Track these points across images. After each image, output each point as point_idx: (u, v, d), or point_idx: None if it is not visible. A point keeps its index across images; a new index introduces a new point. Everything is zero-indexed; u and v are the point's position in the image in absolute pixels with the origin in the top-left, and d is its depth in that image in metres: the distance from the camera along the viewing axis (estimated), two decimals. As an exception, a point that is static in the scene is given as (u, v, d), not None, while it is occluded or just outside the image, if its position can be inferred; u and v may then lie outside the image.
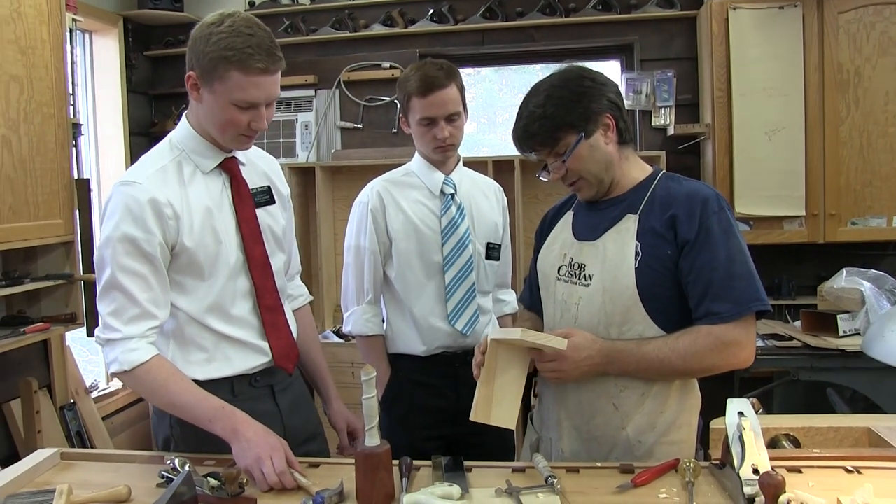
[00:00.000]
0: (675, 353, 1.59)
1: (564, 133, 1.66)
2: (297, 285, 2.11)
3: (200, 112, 1.73)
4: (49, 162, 3.03)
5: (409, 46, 4.24)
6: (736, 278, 1.58)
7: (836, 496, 1.38)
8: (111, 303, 1.66)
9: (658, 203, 1.66)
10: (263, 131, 1.75)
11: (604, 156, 1.69)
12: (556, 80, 1.70)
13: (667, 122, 4.02)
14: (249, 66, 1.61)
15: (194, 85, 1.69)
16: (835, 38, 3.52)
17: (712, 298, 1.58)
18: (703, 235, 1.59)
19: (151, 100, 4.54)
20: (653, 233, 1.63)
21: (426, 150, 2.21)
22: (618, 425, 1.68)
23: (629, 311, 1.64)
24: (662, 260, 1.62)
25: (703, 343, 1.58)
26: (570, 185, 1.74)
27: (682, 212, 1.61)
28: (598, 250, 1.70)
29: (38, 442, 3.18)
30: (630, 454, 1.67)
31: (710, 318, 1.58)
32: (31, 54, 2.91)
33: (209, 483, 1.47)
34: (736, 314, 1.57)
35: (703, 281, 1.58)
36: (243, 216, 1.79)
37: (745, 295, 1.57)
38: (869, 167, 3.55)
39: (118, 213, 1.65)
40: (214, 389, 1.70)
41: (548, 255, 1.83)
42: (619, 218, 1.69)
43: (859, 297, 3.28)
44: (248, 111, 1.67)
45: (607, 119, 1.68)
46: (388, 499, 1.45)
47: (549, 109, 1.65)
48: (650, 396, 1.67)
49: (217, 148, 1.78)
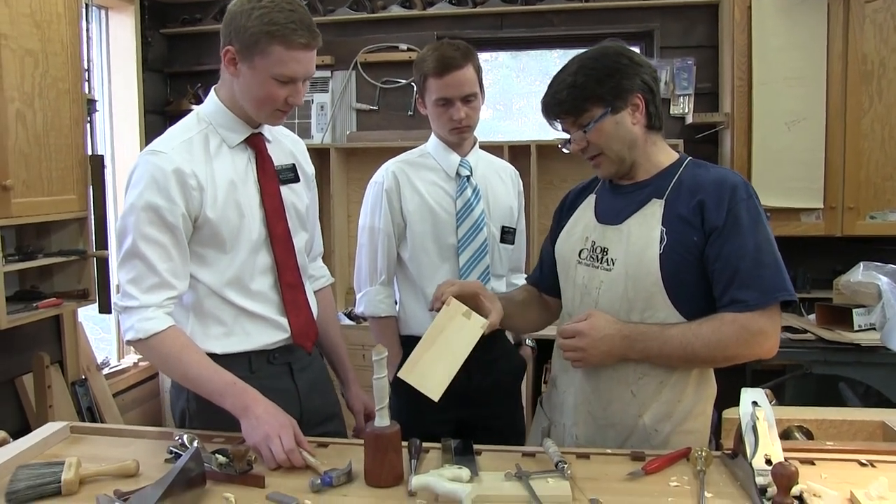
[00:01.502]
0: (698, 340, 1.57)
1: (591, 105, 1.64)
2: (318, 266, 2.11)
3: (236, 87, 1.73)
4: (63, 137, 3.03)
5: (426, 29, 4.21)
6: (763, 267, 1.55)
7: (850, 489, 1.36)
8: (131, 270, 1.67)
9: (685, 189, 1.64)
10: (297, 107, 1.75)
11: (629, 135, 1.67)
12: (592, 53, 1.68)
13: (685, 110, 3.98)
14: (292, 41, 1.62)
15: (232, 59, 1.69)
16: (860, 28, 3.45)
17: (738, 286, 1.55)
18: (731, 223, 1.56)
19: (167, 78, 4.53)
20: (679, 218, 1.61)
21: (442, 131, 2.19)
22: (635, 413, 1.67)
23: (652, 298, 1.62)
24: (688, 246, 1.59)
25: (727, 331, 1.56)
26: (590, 158, 1.72)
27: (710, 198, 1.59)
28: (622, 234, 1.67)
29: (50, 416, 3.20)
30: (646, 442, 1.66)
31: (736, 305, 1.56)
32: (47, 28, 2.90)
33: (217, 460, 1.47)
34: (762, 303, 1.55)
35: (730, 269, 1.56)
36: (267, 192, 1.80)
37: (772, 284, 1.55)
38: (890, 161, 3.49)
39: (143, 182, 1.66)
40: (232, 364, 1.71)
41: (568, 238, 1.81)
42: (644, 202, 1.67)
43: (876, 292, 3.23)
44: (287, 86, 1.68)
45: (637, 99, 1.65)
46: (397, 480, 1.45)
47: (580, 79, 1.63)
48: (668, 385, 1.65)
49: (244, 123, 1.78)
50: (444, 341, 1.61)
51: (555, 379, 1.86)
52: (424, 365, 1.59)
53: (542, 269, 1.96)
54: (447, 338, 1.61)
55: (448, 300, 1.64)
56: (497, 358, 2.21)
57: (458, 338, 1.62)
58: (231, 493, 1.40)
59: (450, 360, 1.59)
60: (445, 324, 1.63)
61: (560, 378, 1.82)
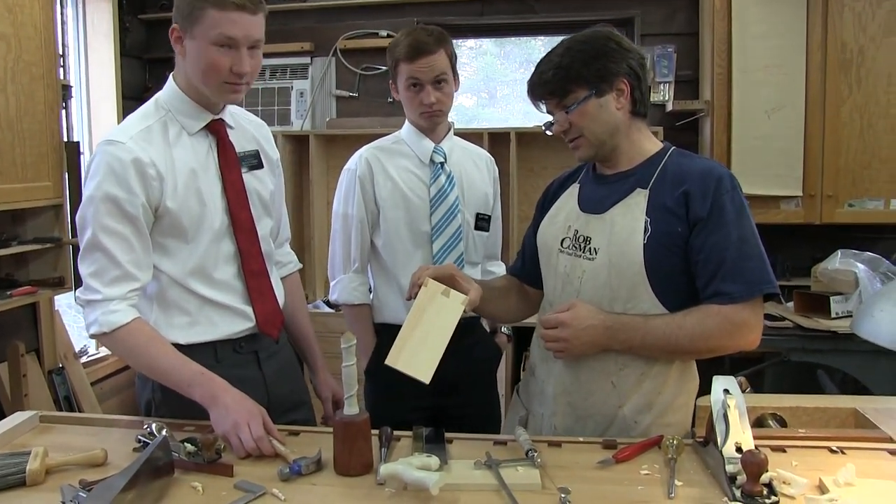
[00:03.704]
0: (682, 331, 1.57)
1: (576, 86, 1.63)
2: (285, 252, 2.09)
3: (186, 66, 1.70)
4: (38, 123, 2.99)
5: (407, 15, 4.17)
6: (747, 259, 1.55)
7: (819, 476, 1.36)
8: (92, 264, 1.64)
9: (669, 179, 1.62)
10: (248, 83, 1.71)
11: (612, 119, 1.65)
12: (581, 37, 1.67)
13: (666, 98, 3.98)
14: (225, 2, 1.60)
15: (178, 37, 1.68)
16: (839, 16, 3.45)
17: (723, 278, 1.55)
18: (716, 214, 1.56)
19: (145, 64, 4.48)
20: (664, 208, 1.60)
21: (413, 115, 2.18)
22: (615, 404, 1.66)
23: (635, 288, 1.61)
24: (672, 237, 1.59)
25: (711, 323, 1.56)
26: (570, 141, 1.70)
27: (695, 189, 1.58)
28: (606, 223, 1.66)
29: (25, 405, 3.17)
30: (625, 433, 1.64)
31: (720, 297, 1.55)
32: (19, 12, 2.86)
33: (186, 448, 1.45)
34: (746, 295, 1.55)
35: (715, 260, 1.55)
36: (229, 179, 1.77)
37: (756, 276, 1.55)
38: (868, 149, 3.51)
39: (101, 173, 1.63)
40: (197, 354, 1.69)
41: (550, 227, 1.79)
42: (628, 192, 1.65)
43: (853, 279, 3.26)
44: (229, 53, 1.64)
45: (623, 84, 1.64)
46: (366, 468, 1.44)
47: (566, 61, 1.63)
48: (650, 377, 1.64)
49: (204, 109, 1.75)
50: (426, 323, 1.58)
51: (533, 367, 1.85)
52: (410, 349, 1.56)
53: (523, 258, 1.95)
54: (429, 319, 1.59)
55: (425, 281, 1.63)
56: (472, 345, 2.20)
57: (440, 318, 1.59)
58: (199, 482, 1.39)
59: (435, 341, 1.56)
60: (426, 305, 1.60)
61: (539, 367, 1.81)
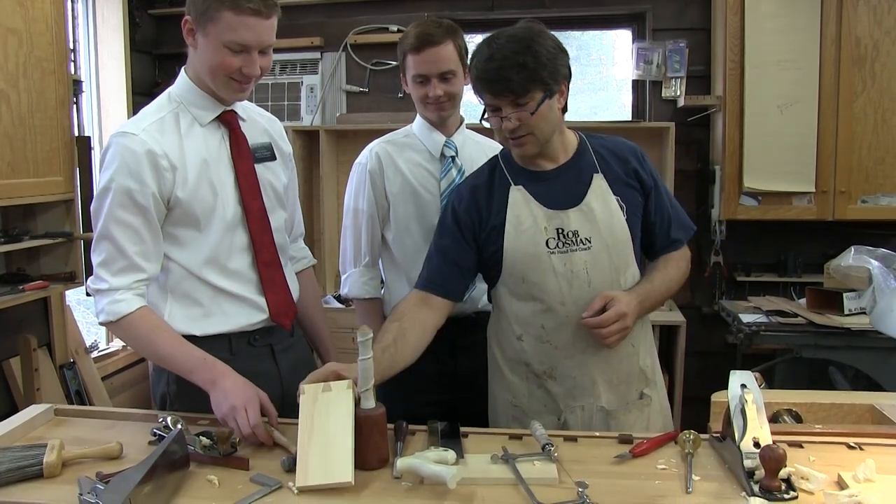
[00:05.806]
0: (673, 281, 1.85)
1: (535, 87, 1.66)
2: (299, 247, 2.10)
3: (196, 60, 1.71)
4: (49, 119, 2.99)
5: (417, 10, 4.15)
6: (677, 209, 1.90)
7: (838, 471, 1.36)
8: (101, 253, 1.67)
9: (607, 158, 1.81)
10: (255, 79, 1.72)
11: (556, 118, 1.74)
12: (534, 35, 1.68)
13: (677, 93, 3.95)
14: (241, 7, 1.60)
15: (190, 30, 1.68)
16: (854, 10, 3.42)
17: (674, 229, 1.87)
18: (655, 179, 1.84)
19: (155, 59, 4.47)
20: (623, 184, 1.79)
21: (420, 108, 2.16)
22: (636, 361, 1.83)
23: (626, 259, 1.78)
24: (637, 206, 1.81)
25: (683, 266, 1.89)
26: (516, 138, 1.72)
27: (634, 163, 1.82)
28: (586, 213, 1.75)
29: (37, 399, 3.17)
30: (645, 383, 1.84)
31: (676, 244, 1.88)
32: (31, 7, 2.86)
33: (201, 442, 1.46)
34: (688, 237, 1.91)
35: (665, 218, 1.86)
36: (241, 170, 1.78)
37: (686, 220, 1.92)
38: (882, 144, 3.48)
39: (114, 164, 1.65)
40: (212, 347, 1.70)
41: (521, 236, 1.76)
42: (588, 180, 1.78)
43: (867, 276, 3.23)
44: (240, 55, 1.65)
45: (564, 86, 1.73)
46: (382, 462, 1.44)
47: (529, 60, 1.64)
48: (641, 322, 1.82)
49: (215, 100, 1.76)
50: (319, 427, 1.43)
51: (552, 371, 1.80)
52: (316, 461, 1.38)
53: (443, 269, 1.82)
54: (321, 422, 1.44)
55: (300, 390, 1.50)
56: (482, 340, 2.19)
57: (332, 414, 1.45)
58: (215, 475, 1.40)
59: (339, 438, 1.40)
60: (311, 411, 1.46)
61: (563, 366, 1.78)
